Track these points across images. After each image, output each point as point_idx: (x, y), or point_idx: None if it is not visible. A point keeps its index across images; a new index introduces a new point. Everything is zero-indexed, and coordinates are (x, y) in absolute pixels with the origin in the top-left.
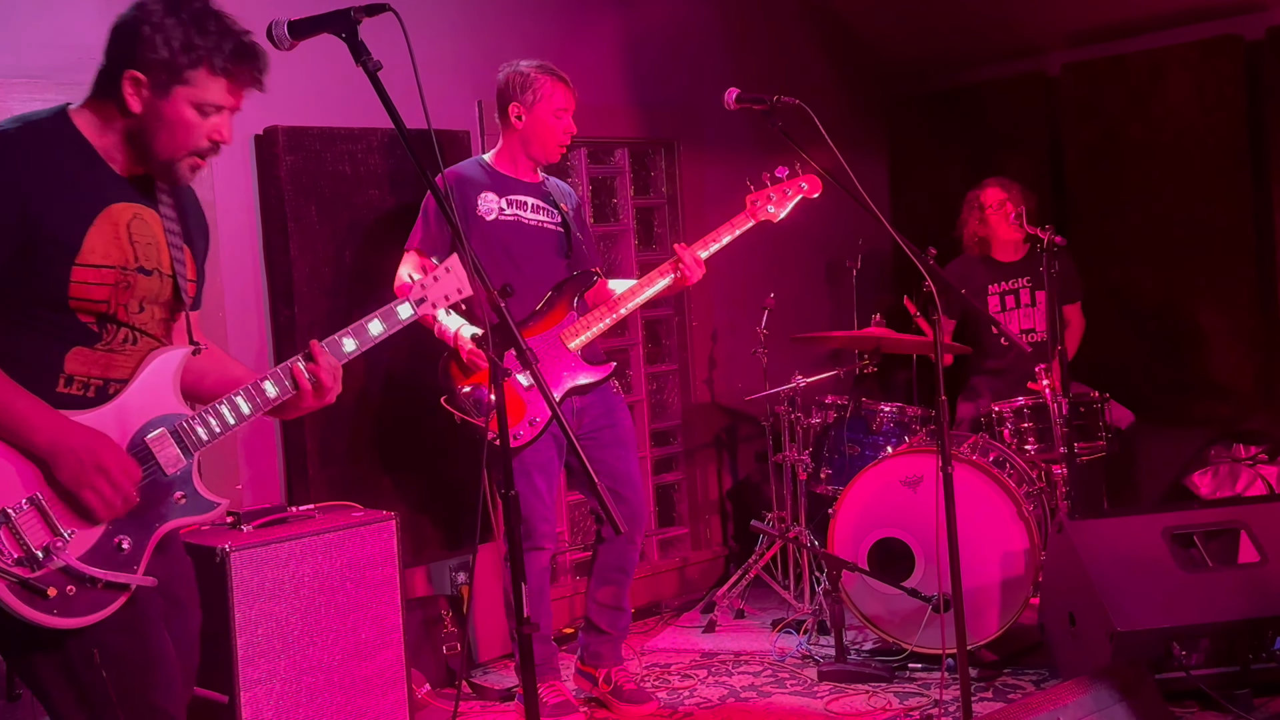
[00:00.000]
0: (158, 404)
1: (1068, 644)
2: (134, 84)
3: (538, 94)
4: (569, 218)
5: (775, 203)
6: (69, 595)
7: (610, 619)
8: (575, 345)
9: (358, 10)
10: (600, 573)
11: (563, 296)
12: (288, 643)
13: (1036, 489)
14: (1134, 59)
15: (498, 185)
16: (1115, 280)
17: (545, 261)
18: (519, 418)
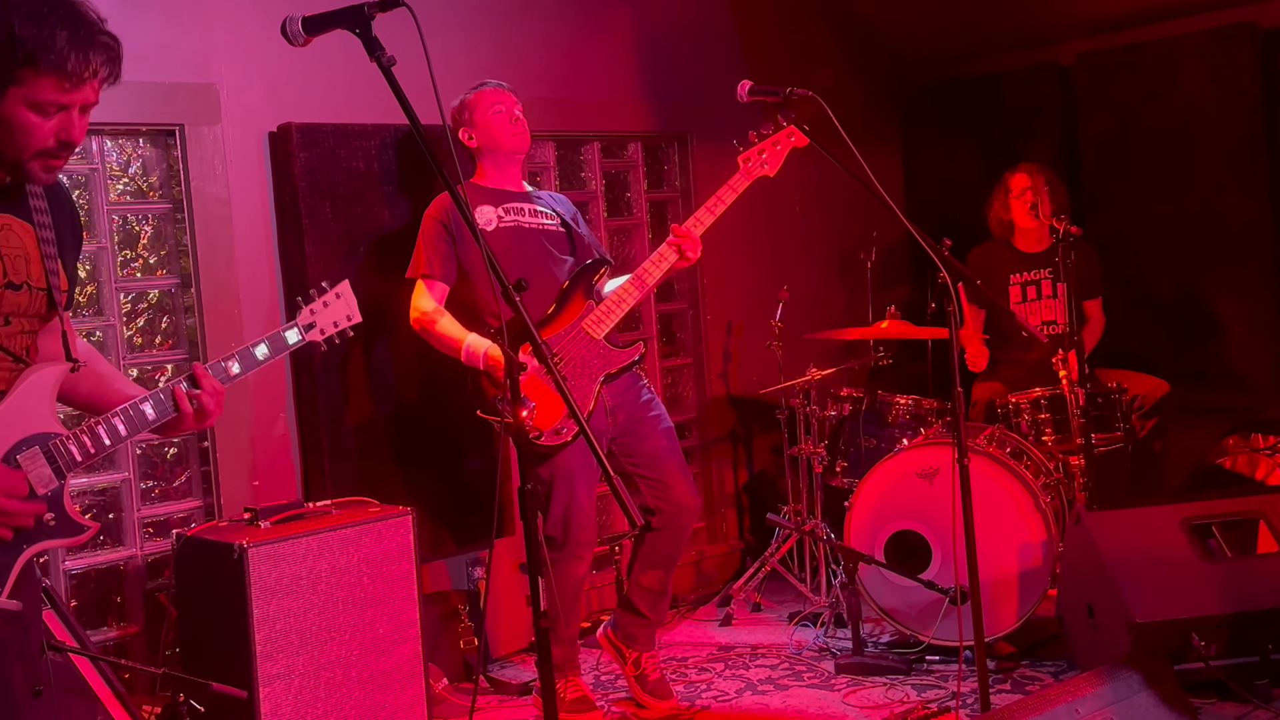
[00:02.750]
0: (31, 422)
1: (1086, 635)
2: None
3: (471, 108)
4: (566, 218)
5: (768, 158)
6: None
7: (652, 602)
8: (600, 333)
9: (372, 5)
10: (647, 557)
11: (577, 288)
12: (305, 638)
13: (1054, 480)
14: (1149, 47)
15: (490, 198)
16: (1131, 269)
17: (551, 260)
18: (559, 414)
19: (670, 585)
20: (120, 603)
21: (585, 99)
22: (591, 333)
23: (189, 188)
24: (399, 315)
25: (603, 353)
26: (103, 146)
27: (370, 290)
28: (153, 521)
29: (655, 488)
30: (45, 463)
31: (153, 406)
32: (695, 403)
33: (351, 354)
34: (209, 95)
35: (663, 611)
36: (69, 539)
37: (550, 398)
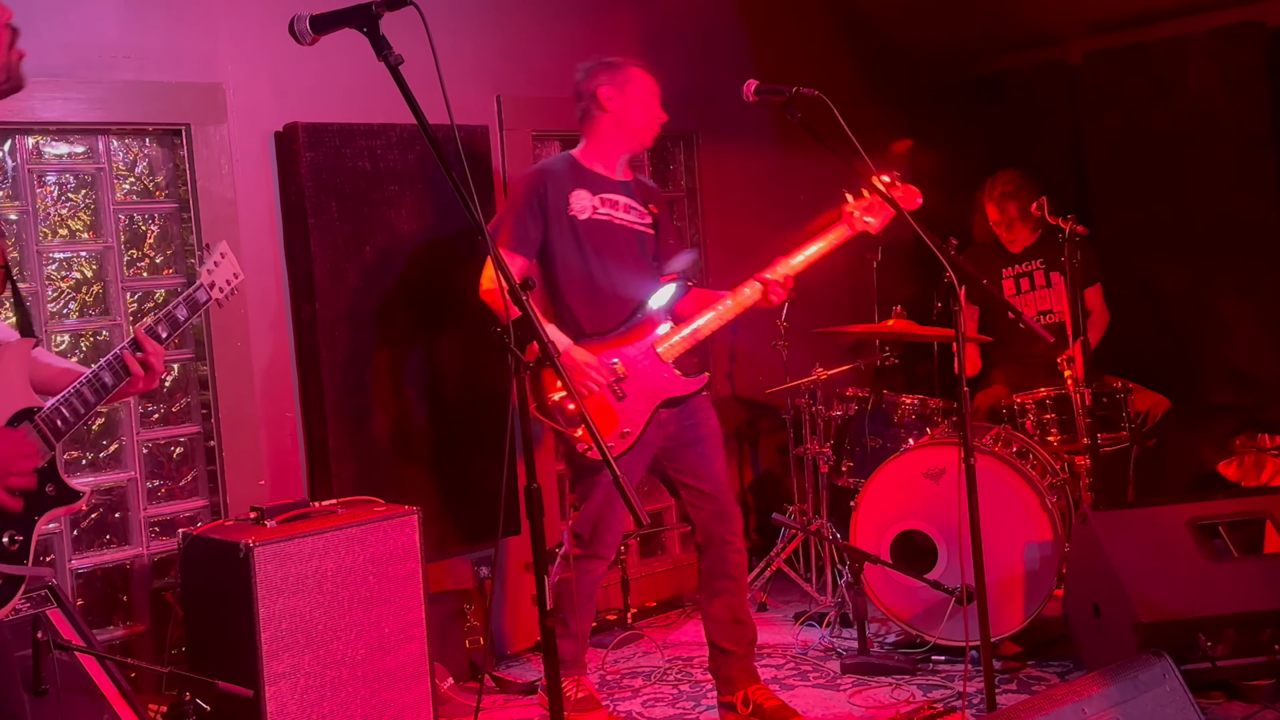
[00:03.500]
0: (14, 399)
1: (1092, 636)
2: None
3: (630, 78)
4: (658, 219)
5: (875, 214)
6: None
7: (732, 635)
8: (670, 356)
9: (379, 4)
10: (707, 584)
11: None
12: (311, 637)
13: (1060, 480)
14: (1155, 46)
15: (590, 183)
16: (1138, 269)
17: (634, 263)
18: (611, 429)
19: (745, 612)
20: (126, 602)
21: None
22: (663, 355)
23: (195, 187)
24: (406, 313)
25: (667, 376)
26: (109, 146)
27: (376, 290)
28: (159, 521)
29: (696, 497)
30: (37, 436)
31: (109, 373)
32: None
33: (358, 353)
34: (215, 95)
35: (747, 642)
36: (70, 506)
37: (605, 412)
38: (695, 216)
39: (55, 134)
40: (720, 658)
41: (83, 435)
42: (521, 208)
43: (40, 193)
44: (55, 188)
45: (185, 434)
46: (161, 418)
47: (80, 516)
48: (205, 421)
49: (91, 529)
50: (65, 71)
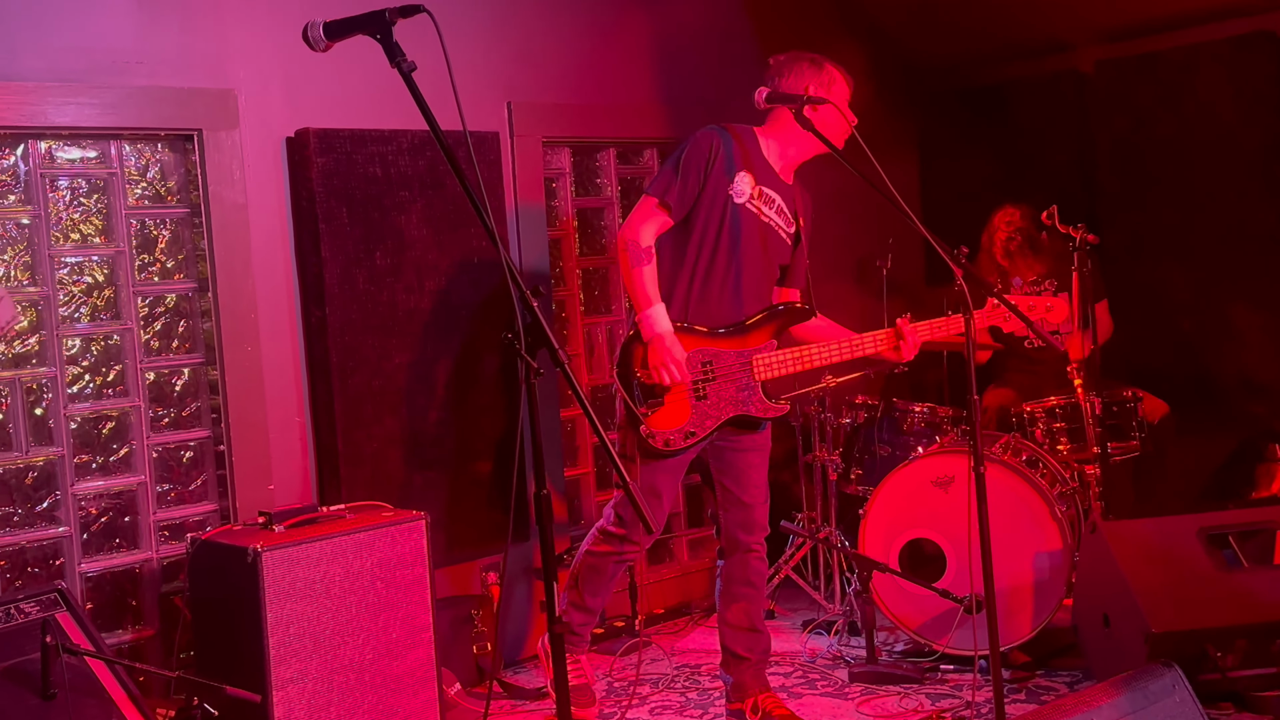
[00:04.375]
0: None
1: (1102, 645)
2: None
3: (836, 81)
4: (801, 230)
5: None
6: None
7: (746, 642)
8: (763, 376)
9: (392, 11)
10: (725, 590)
11: (773, 321)
12: (319, 642)
13: (1069, 489)
14: (1166, 55)
15: (757, 168)
16: (1147, 277)
17: (764, 263)
18: (678, 424)
19: (760, 621)
20: (135, 605)
21: (602, 105)
22: (756, 371)
23: (207, 192)
24: (416, 319)
25: (749, 394)
26: (121, 151)
27: (386, 295)
28: (168, 525)
29: (731, 502)
30: None
31: None
32: None
33: (367, 359)
34: (227, 100)
35: (760, 650)
36: None
37: (680, 406)
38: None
39: (68, 139)
40: (733, 663)
41: (93, 439)
42: (690, 165)
43: (52, 197)
44: (67, 192)
45: (195, 438)
46: (172, 422)
47: (90, 520)
48: (215, 426)
49: (101, 533)
50: (78, 76)
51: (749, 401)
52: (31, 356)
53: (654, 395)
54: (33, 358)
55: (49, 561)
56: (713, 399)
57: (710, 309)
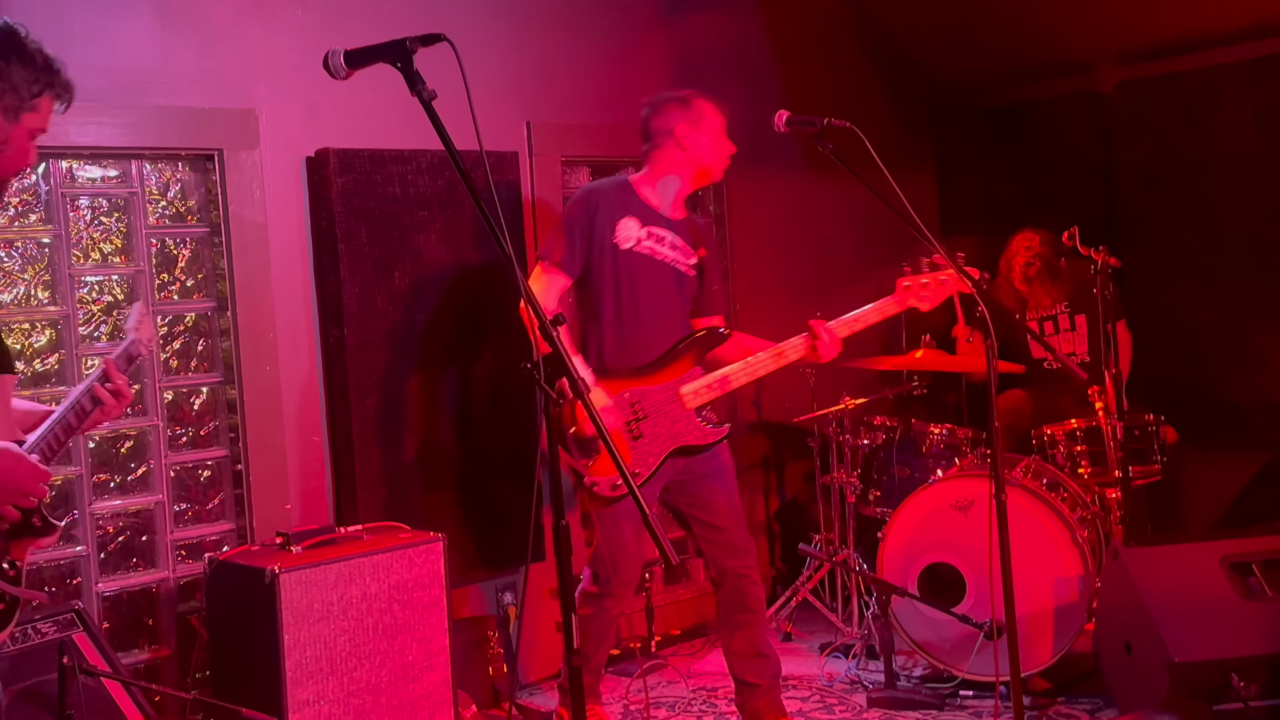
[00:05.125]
0: (10, 429)
1: (1123, 673)
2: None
3: (706, 115)
4: (704, 262)
5: (928, 291)
6: None
7: (755, 669)
8: (694, 403)
9: (413, 40)
10: (726, 619)
11: (690, 350)
12: (335, 664)
13: (1090, 513)
14: (1187, 77)
15: (642, 213)
16: (1169, 300)
17: (670, 302)
18: (608, 472)
19: (767, 645)
20: (152, 625)
21: (621, 124)
22: (686, 400)
23: (227, 212)
24: (434, 339)
25: (688, 423)
26: (142, 170)
27: (404, 315)
28: (185, 544)
29: (708, 531)
30: None
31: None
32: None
33: (385, 378)
34: (248, 120)
35: (770, 675)
36: (49, 538)
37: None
38: (723, 244)
39: (89, 158)
40: (745, 692)
41: (111, 458)
42: (573, 226)
43: (73, 216)
44: (88, 211)
45: (213, 457)
46: (190, 441)
47: (107, 539)
48: (233, 445)
49: (118, 552)
50: (100, 96)
51: (686, 432)
52: (51, 375)
53: (591, 446)
54: (52, 376)
55: (66, 580)
56: (649, 436)
57: (627, 352)
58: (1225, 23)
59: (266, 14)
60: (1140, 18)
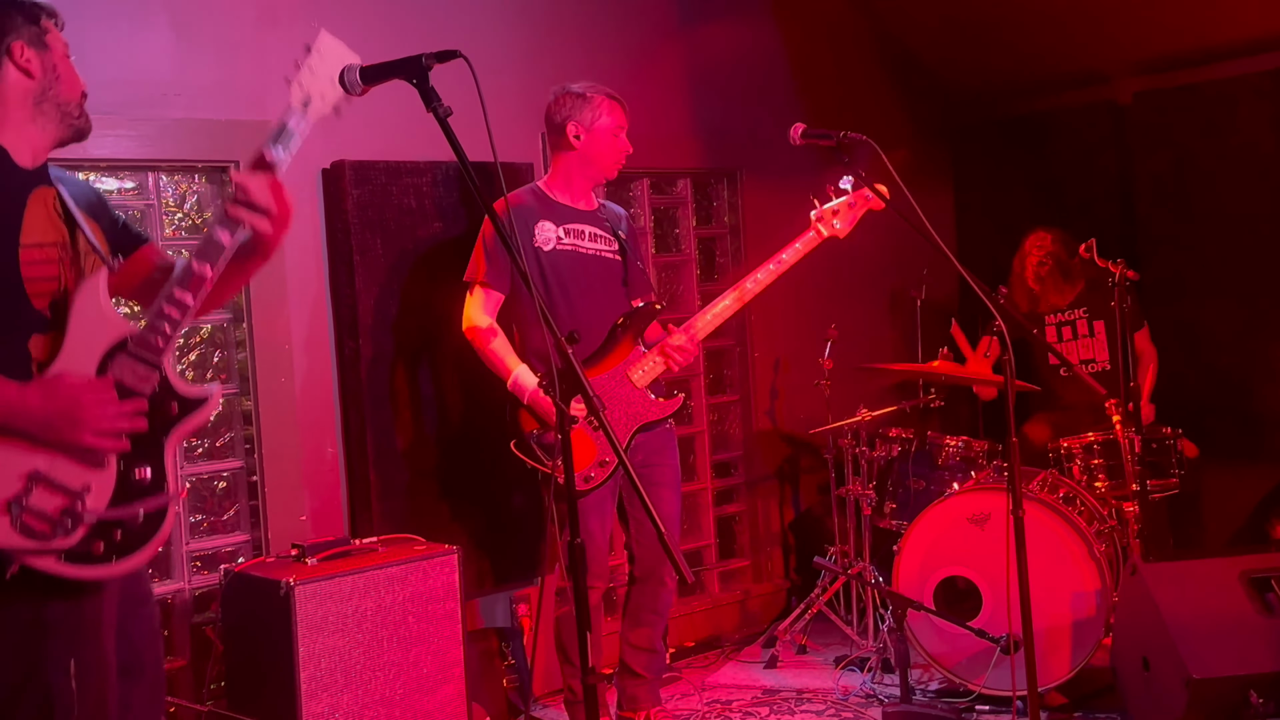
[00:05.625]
0: (103, 334)
1: (1141, 689)
2: (20, 52)
3: (598, 112)
4: (626, 244)
5: (841, 217)
6: (116, 541)
7: (646, 661)
8: (643, 382)
9: (429, 57)
10: (634, 613)
11: (627, 331)
12: (350, 677)
13: (1107, 527)
14: (1205, 88)
15: (554, 213)
16: (1187, 313)
17: (603, 292)
18: (589, 459)
19: (660, 642)
20: (167, 636)
21: (635, 135)
22: (634, 380)
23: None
24: (449, 351)
25: (643, 402)
26: (158, 182)
27: (419, 327)
28: (201, 555)
29: (645, 536)
30: (135, 362)
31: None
32: (742, 440)
33: (400, 389)
34: (265, 133)
35: (658, 669)
36: (199, 414)
37: (582, 443)
38: (738, 253)
39: (106, 170)
40: (630, 678)
41: None
42: (491, 243)
43: None
44: None
45: (228, 469)
46: (205, 452)
47: None
48: (248, 456)
49: None
50: (117, 109)
51: (644, 411)
52: None
53: (555, 448)
54: None
55: None
56: (610, 421)
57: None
58: (1243, 33)
59: (283, 27)
60: (1158, 28)
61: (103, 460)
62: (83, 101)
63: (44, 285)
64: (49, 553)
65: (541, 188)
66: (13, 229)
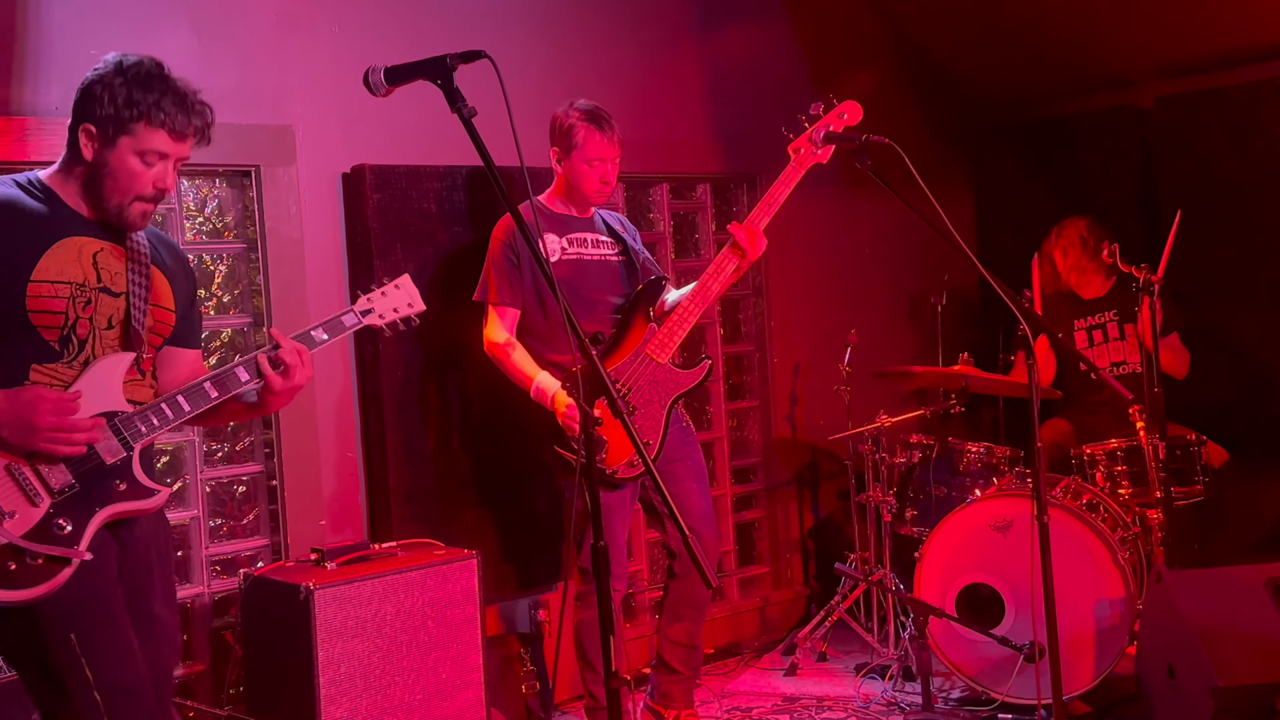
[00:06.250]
0: (101, 401)
1: (1166, 697)
2: (86, 135)
3: (573, 141)
4: (629, 243)
5: (819, 143)
6: (9, 571)
7: (683, 657)
8: (665, 357)
9: (454, 57)
10: (672, 608)
11: (636, 312)
12: (369, 682)
13: (1131, 534)
14: (1229, 92)
15: (556, 225)
16: (1211, 318)
17: (612, 293)
18: (621, 457)
19: (699, 638)
20: (186, 641)
21: (655, 140)
22: (656, 357)
23: (263, 228)
24: (468, 356)
25: (670, 376)
26: (180, 186)
27: (439, 331)
28: (220, 559)
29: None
30: (111, 435)
31: (213, 385)
32: (761, 446)
33: (419, 394)
34: (285, 137)
35: (696, 665)
36: (140, 502)
37: (619, 433)
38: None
39: None
40: (667, 674)
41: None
42: (501, 262)
43: None
44: None
45: (248, 473)
46: (225, 456)
47: None
48: (268, 461)
49: None
50: None
51: (675, 383)
52: None
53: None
54: None
55: None
56: (642, 405)
57: None
58: (1267, 37)
59: (304, 31)
60: (1181, 32)
61: (38, 499)
62: (132, 204)
63: (50, 319)
64: None
65: (542, 201)
66: (26, 264)
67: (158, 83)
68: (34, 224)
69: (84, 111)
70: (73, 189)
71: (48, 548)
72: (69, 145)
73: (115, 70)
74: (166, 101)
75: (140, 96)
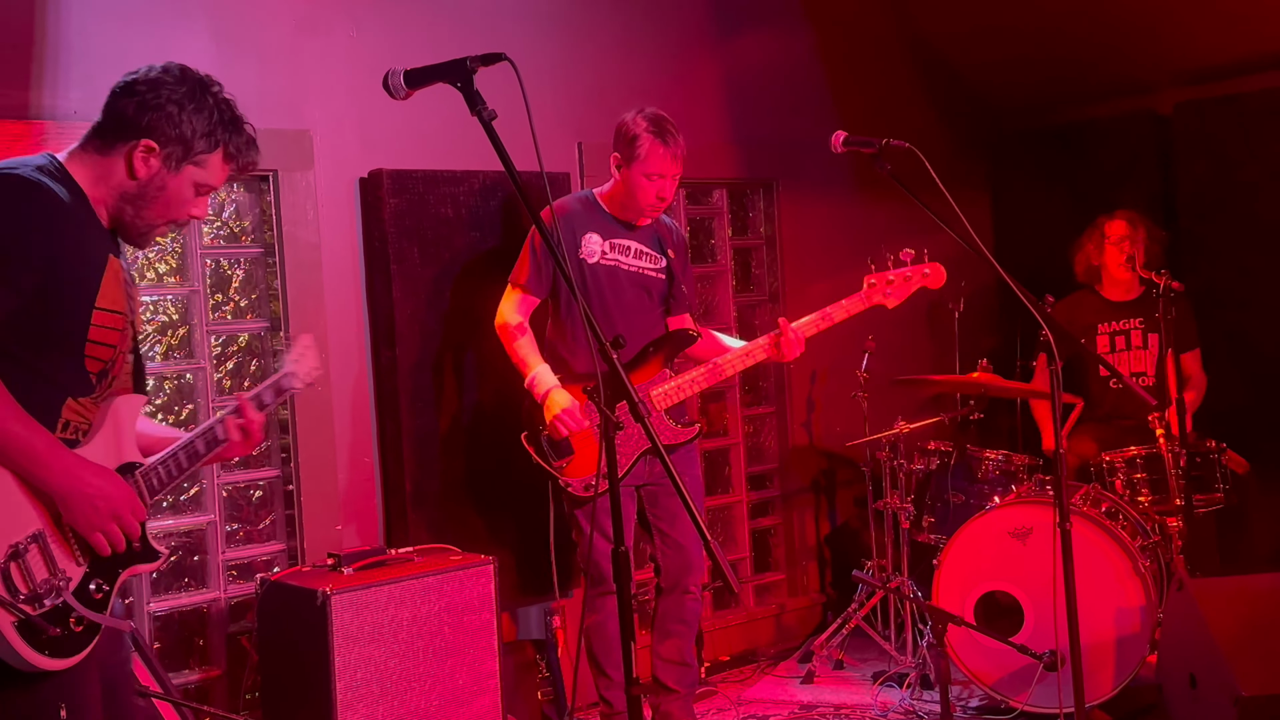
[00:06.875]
0: (122, 451)
1: (1188, 707)
2: (146, 152)
3: (635, 152)
4: (673, 263)
5: (894, 289)
6: (57, 637)
7: (678, 675)
8: (664, 404)
9: (474, 60)
10: (661, 626)
11: (659, 352)
12: (386, 687)
13: (1151, 542)
14: (1248, 98)
15: (604, 227)
16: (1231, 325)
17: (639, 312)
18: (581, 474)
19: (691, 655)
20: (203, 645)
21: None
22: (655, 403)
23: (281, 232)
24: (485, 362)
25: (657, 425)
26: None
27: (455, 336)
28: (236, 564)
29: (669, 545)
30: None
31: (203, 441)
32: (777, 452)
33: (436, 400)
34: (303, 141)
35: (690, 682)
36: (151, 564)
37: (591, 451)
38: (774, 265)
39: None
40: (663, 695)
41: None
42: (538, 248)
43: None
44: None
45: (265, 478)
46: (241, 461)
47: None
48: (285, 465)
49: (170, 572)
50: None
51: (657, 434)
52: None
53: (564, 449)
54: None
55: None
56: (621, 438)
57: None
58: None
59: (321, 35)
60: (1200, 38)
61: (81, 560)
62: (163, 227)
63: (103, 351)
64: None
65: (596, 197)
66: (90, 286)
67: (234, 116)
68: (93, 239)
69: (147, 126)
70: (103, 196)
71: (95, 615)
72: (104, 148)
73: (188, 91)
74: (242, 141)
75: (221, 132)
